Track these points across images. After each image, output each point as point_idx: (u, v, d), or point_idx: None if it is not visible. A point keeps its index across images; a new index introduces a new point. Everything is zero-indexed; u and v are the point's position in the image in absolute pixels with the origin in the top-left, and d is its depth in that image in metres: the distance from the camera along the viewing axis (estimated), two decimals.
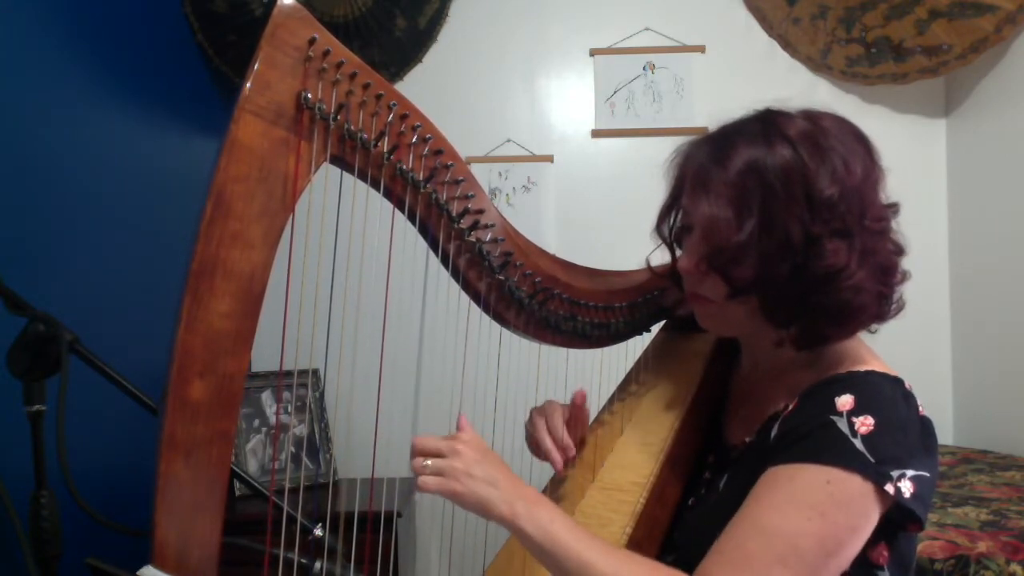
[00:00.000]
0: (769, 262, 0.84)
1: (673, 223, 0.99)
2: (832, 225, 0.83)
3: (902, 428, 0.82)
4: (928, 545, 1.37)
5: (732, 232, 0.85)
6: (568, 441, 1.03)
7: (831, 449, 0.80)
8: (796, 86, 2.42)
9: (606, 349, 1.09)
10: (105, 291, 1.64)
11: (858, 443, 0.79)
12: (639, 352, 1.16)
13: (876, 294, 0.85)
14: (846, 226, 0.83)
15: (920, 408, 0.85)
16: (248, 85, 0.73)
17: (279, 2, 0.75)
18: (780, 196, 0.83)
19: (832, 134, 0.86)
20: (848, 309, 0.84)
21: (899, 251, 0.88)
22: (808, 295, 0.84)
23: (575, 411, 1.06)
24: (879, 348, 0.92)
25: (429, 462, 0.83)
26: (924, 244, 2.40)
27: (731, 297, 0.88)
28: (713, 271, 0.89)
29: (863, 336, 0.92)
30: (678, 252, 0.99)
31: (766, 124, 0.87)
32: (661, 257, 1.04)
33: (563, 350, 1.05)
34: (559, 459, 1.02)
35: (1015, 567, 1.34)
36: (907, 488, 0.79)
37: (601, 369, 1.14)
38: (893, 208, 0.90)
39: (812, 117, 0.88)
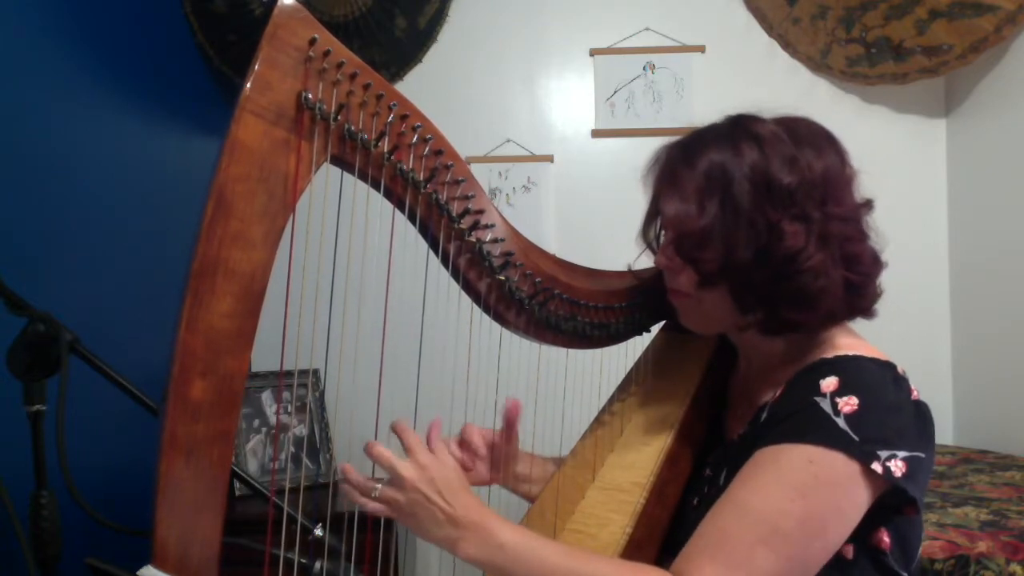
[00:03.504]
0: (733, 247, 0.87)
1: (658, 229, 1.02)
2: (791, 211, 0.86)
3: (890, 409, 0.82)
4: (928, 545, 1.37)
5: (695, 219, 0.88)
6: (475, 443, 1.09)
7: (813, 429, 0.80)
8: (796, 86, 2.42)
9: (606, 349, 1.09)
10: (105, 291, 1.64)
11: (841, 422, 0.80)
12: (639, 352, 1.16)
13: (841, 280, 0.87)
14: (805, 212, 0.86)
15: (914, 392, 0.85)
16: (249, 85, 0.73)
17: (280, 2, 0.75)
18: (742, 185, 0.86)
19: (799, 134, 0.89)
20: (808, 293, 0.86)
21: (865, 239, 0.90)
22: (772, 279, 0.86)
23: (507, 421, 1.11)
24: (879, 348, 0.92)
25: (379, 488, 0.83)
26: (924, 244, 2.40)
27: (702, 286, 0.91)
28: (680, 258, 0.92)
29: (860, 329, 0.93)
30: None
31: (735, 126, 0.91)
32: (649, 263, 1.05)
33: (563, 350, 1.05)
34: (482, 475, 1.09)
35: (1015, 567, 1.34)
36: (898, 468, 0.79)
37: (601, 369, 1.14)
38: (867, 205, 0.92)
39: (783, 120, 0.92)
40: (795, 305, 0.87)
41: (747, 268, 0.87)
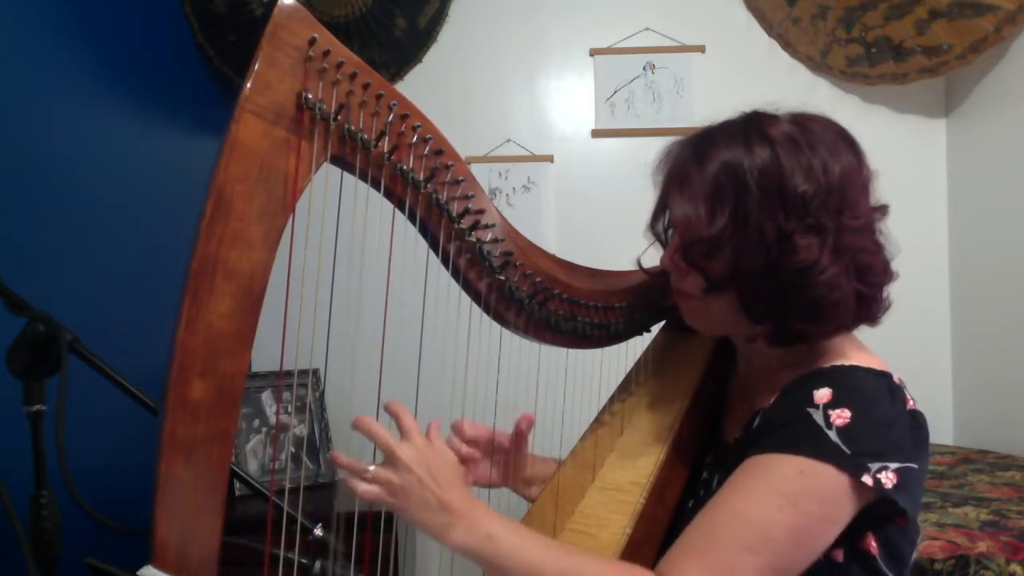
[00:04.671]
0: (742, 256, 0.85)
1: (666, 222, 1.00)
2: (805, 222, 0.83)
3: (883, 422, 0.82)
4: (928, 545, 1.37)
5: (704, 226, 0.86)
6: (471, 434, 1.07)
7: (805, 440, 0.80)
8: (796, 86, 2.42)
9: (606, 349, 1.09)
10: (105, 291, 1.63)
11: (832, 435, 0.79)
12: (639, 352, 1.16)
13: (853, 292, 0.85)
14: (820, 223, 0.84)
15: (909, 401, 0.85)
16: (249, 85, 0.73)
17: (280, 2, 0.75)
18: (753, 192, 0.84)
19: (815, 135, 0.86)
20: (821, 306, 0.85)
21: (879, 251, 0.88)
22: (782, 291, 0.85)
23: (518, 432, 1.10)
24: (880, 348, 0.92)
25: (373, 468, 0.81)
26: (924, 244, 2.40)
27: (708, 292, 0.90)
28: (687, 264, 0.90)
29: (860, 333, 0.93)
30: None
31: (748, 125, 0.89)
32: (655, 257, 1.05)
33: (563, 350, 1.05)
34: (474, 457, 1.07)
35: (1015, 567, 1.34)
36: (888, 479, 0.79)
37: (601, 369, 1.14)
38: (881, 210, 0.90)
39: (798, 119, 0.89)
40: (806, 317, 0.86)
41: (756, 278, 0.85)
